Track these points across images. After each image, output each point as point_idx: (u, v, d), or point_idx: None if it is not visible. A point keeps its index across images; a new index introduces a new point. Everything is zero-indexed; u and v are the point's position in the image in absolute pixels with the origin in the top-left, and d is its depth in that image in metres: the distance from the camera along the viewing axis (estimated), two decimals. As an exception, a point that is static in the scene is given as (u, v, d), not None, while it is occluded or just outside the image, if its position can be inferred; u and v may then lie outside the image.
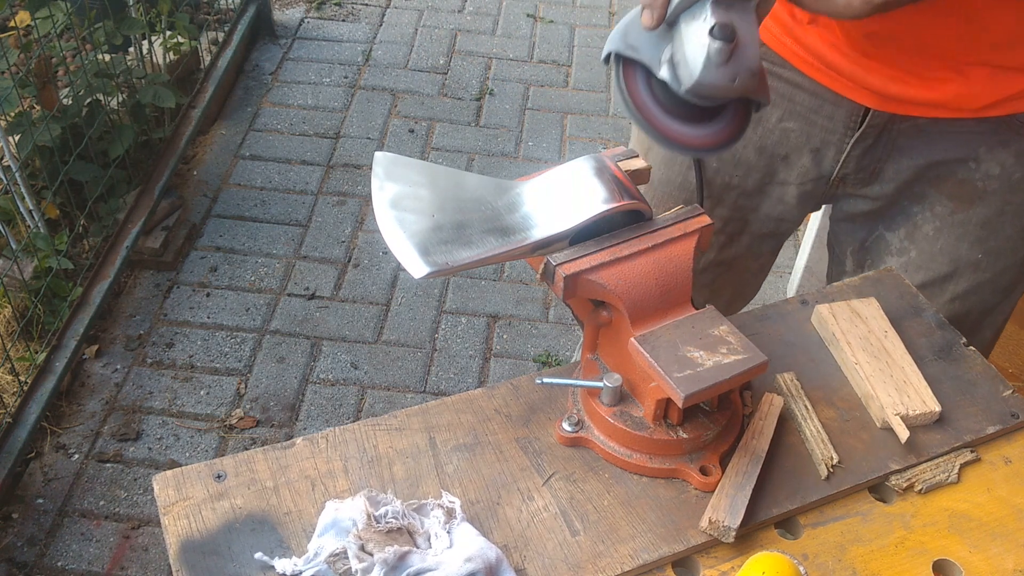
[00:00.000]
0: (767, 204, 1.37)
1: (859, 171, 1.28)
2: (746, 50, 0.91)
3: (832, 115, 1.25)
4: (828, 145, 1.27)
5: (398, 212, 0.97)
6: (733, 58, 0.90)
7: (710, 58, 0.89)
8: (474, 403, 1.07)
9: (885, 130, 1.23)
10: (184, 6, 3.23)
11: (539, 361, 2.65)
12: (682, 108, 0.97)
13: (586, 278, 0.96)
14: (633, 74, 0.98)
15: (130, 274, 2.79)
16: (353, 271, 2.85)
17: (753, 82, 0.93)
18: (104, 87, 2.73)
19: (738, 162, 1.34)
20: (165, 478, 0.98)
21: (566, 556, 0.94)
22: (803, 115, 1.27)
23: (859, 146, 1.25)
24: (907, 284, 1.24)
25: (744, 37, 0.91)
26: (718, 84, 0.91)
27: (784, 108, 1.28)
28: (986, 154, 1.21)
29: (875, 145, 1.24)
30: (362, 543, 0.89)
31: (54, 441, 2.38)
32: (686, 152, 0.99)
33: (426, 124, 3.36)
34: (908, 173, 1.25)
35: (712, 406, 1.01)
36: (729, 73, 0.90)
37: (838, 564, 0.95)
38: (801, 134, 1.29)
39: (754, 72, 0.92)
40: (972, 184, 1.23)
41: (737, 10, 0.91)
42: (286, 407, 2.49)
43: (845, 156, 1.27)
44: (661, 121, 0.97)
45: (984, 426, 1.07)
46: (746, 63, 0.91)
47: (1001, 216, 1.24)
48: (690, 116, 0.98)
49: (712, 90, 0.92)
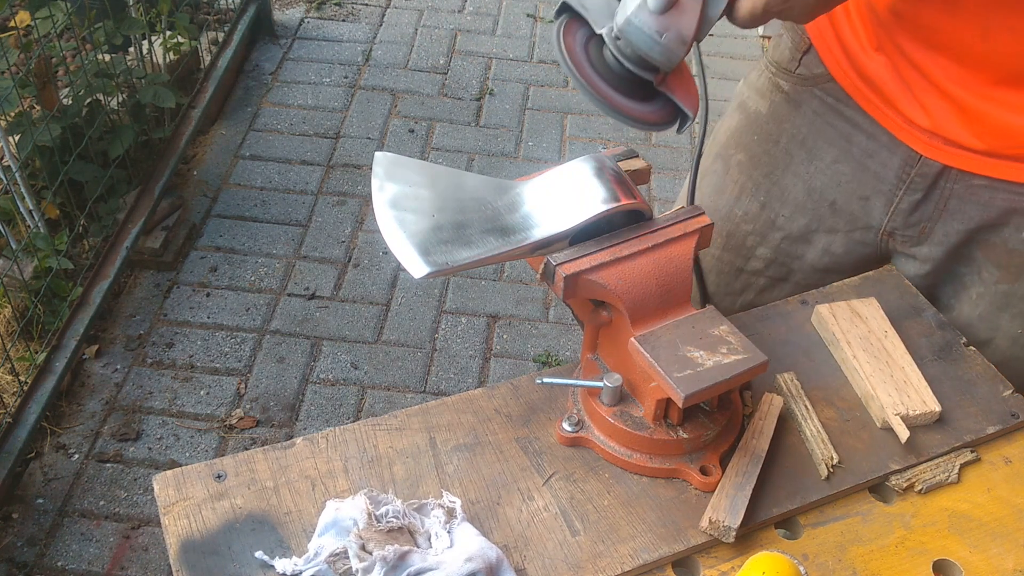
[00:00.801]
0: (813, 253, 1.34)
1: (907, 227, 1.25)
2: (684, 15, 0.92)
3: (886, 163, 1.22)
4: (878, 195, 1.25)
5: (398, 212, 0.97)
6: (670, 13, 0.91)
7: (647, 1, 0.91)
8: (474, 403, 1.07)
9: (936, 185, 1.20)
10: (184, 6, 3.23)
11: (539, 361, 2.65)
12: (611, 75, 0.98)
13: (586, 278, 0.96)
14: (573, 30, 0.99)
15: (130, 274, 2.79)
16: (353, 271, 2.85)
17: (679, 50, 0.93)
18: (104, 87, 2.73)
19: (785, 200, 1.32)
20: (165, 478, 0.98)
21: (566, 556, 0.94)
22: (858, 159, 1.25)
23: (908, 199, 1.22)
24: (907, 284, 1.24)
25: (686, 5, 0.92)
26: (645, 29, 0.91)
27: (840, 148, 1.26)
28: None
29: (925, 201, 1.22)
30: (363, 542, 0.89)
31: (54, 441, 2.38)
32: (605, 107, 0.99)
33: (426, 124, 3.36)
34: (958, 237, 1.22)
35: (712, 406, 1.01)
36: (659, 24, 0.91)
37: (838, 564, 0.95)
38: (853, 179, 1.26)
39: (683, 39, 0.92)
40: (1021, 255, 1.19)
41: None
42: (286, 407, 2.49)
43: (894, 209, 1.24)
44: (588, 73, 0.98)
45: (984, 426, 1.07)
46: (679, 26, 0.92)
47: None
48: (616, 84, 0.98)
49: (638, 34, 0.92)
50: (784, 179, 1.32)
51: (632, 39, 0.93)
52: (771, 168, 1.32)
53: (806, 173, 1.30)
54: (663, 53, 0.93)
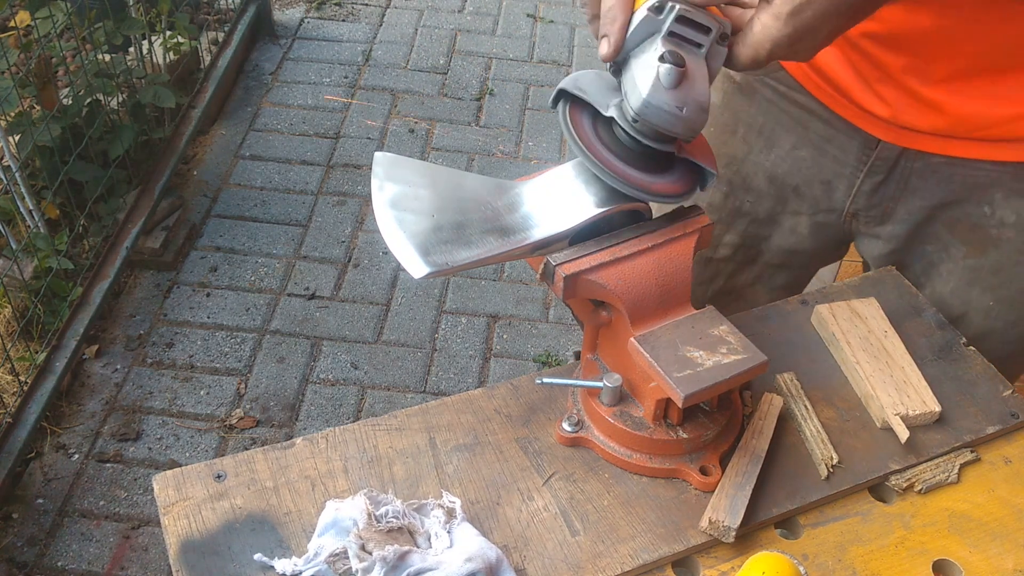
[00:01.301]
0: (779, 234, 1.36)
1: (870, 208, 1.26)
2: (696, 84, 0.90)
3: (845, 147, 1.23)
4: (840, 178, 1.25)
5: (398, 212, 0.97)
6: (682, 86, 0.89)
7: (659, 79, 0.89)
8: (474, 403, 1.07)
9: (896, 166, 1.21)
10: (184, 6, 3.23)
11: (539, 361, 2.65)
12: (626, 153, 0.96)
13: (586, 278, 0.96)
14: (579, 116, 0.98)
15: (130, 274, 2.79)
16: (353, 271, 2.85)
17: (701, 119, 0.91)
18: (104, 87, 2.73)
19: (749, 187, 1.33)
20: (165, 478, 0.98)
21: (566, 556, 0.94)
22: (816, 144, 1.25)
23: (869, 181, 1.23)
24: (907, 284, 1.24)
25: (694, 73, 0.90)
26: (664, 107, 0.89)
27: (798, 135, 1.27)
28: (1002, 200, 1.18)
29: (886, 182, 1.22)
30: (362, 542, 0.89)
31: (54, 441, 2.38)
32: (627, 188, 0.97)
33: (426, 124, 3.36)
34: (920, 214, 1.23)
35: (712, 406, 1.01)
36: (677, 99, 0.89)
37: (838, 564, 0.95)
38: (813, 164, 1.27)
39: (703, 107, 0.91)
40: (986, 231, 1.20)
41: (686, 50, 0.91)
42: (286, 407, 2.49)
43: (856, 191, 1.25)
44: (604, 155, 0.97)
45: (984, 426, 1.07)
46: (695, 96, 0.90)
47: (1016, 266, 1.21)
48: (634, 163, 0.97)
49: (658, 114, 0.90)
50: (744, 168, 1.32)
51: (653, 119, 0.91)
52: (731, 158, 1.33)
53: (767, 161, 1.30)
54: (686, 126, 0.92)
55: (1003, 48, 1.07)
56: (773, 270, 1.42)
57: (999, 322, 1.24)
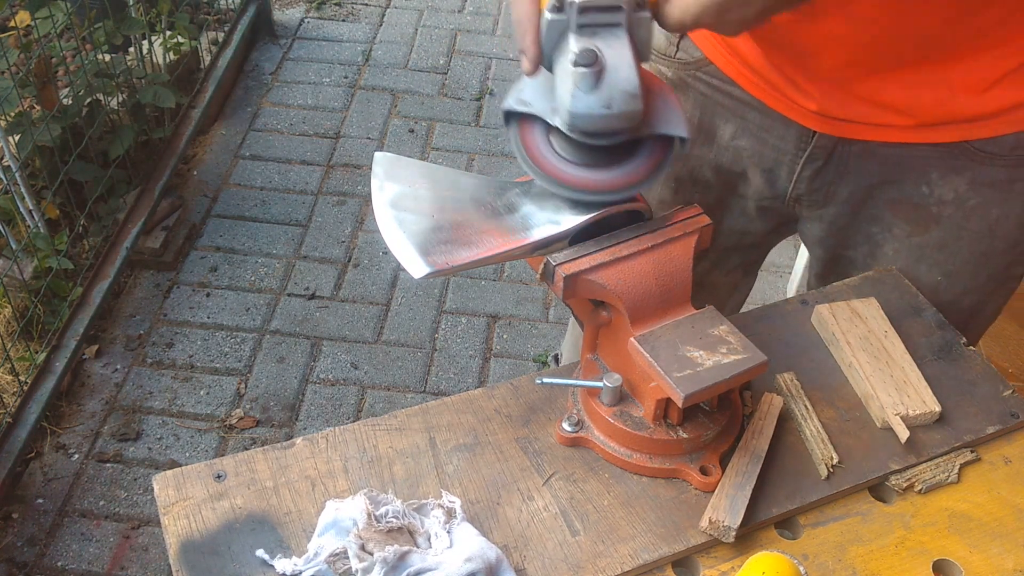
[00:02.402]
0: (729, 218, 1.37)
1: (812, 192, 1.27)
2: (618, 73, 0.86)
3: (783, 135, 1.23)
4: (780, 165, 1.26)
5: (398, 212, 0.97)
6: (603, 82, 0.86)
7: (576, 87, 0.86)
8: (474, 403, 1.07)
9: (835, 152, 1.22)
10: (184, 6, 3.23)
11: (539, 361, 2.65)
12: (586, 154, 0.94)
13: (586, 278, 0.96)
14: (531, 129, 0.96)
15: (130, 274, 2.79)
16: (353, 271, 2.85)
17: (634, 105, 0.88)
18: (104, 87, 2.73)
19: (696, 181, 1.34)
20: (165, 478, 0.98)
21: (566, 556, 0.94)
22: (754, 133, 1.26)
23: (809, 167, 1.24)
24: (907, 284, 1.24)
25: (614, 60, 0.86)
26: (592, 112, 0.87)
27: (736, 125, 1.27)
28: (939, 179, 1.20)
29: (826, 167, 1.23)
30: (362, 542, 0.89)
31: (54, 441, 2.38)
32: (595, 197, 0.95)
33: (426, 124, 3.36)
34: (861, 193, 1.24)
35: (712, 406, 1.01)
36: (601, 98, 0.86)
37: (838, 564, 0.95)
38: (753, 153, 1.27)
39: (631, 95, 0.87)
40: (927, 209, 1.22)
41: (603, 35, 0.86)
42: (286, 407, 2.49)
43: (796, 177, 1.26)
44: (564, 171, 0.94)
45: (984, 426, 1.07)
46: (620, 86, 0.86)
47: (958, 241, 1.23)
48: (596, 161, 0.94)
49: (588, 120, 0.87)
50: (689, 163, 1.33)
51: (585, 127, 0.89)
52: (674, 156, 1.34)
53: (709, 153, 1.31)
54: (622, 119, 0.89)
55: (920, 40, 1.08)
56: (727, 253, 1.43)
57: (948, 295, 1.27)
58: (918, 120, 1.15)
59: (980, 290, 1.29)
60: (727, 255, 1.44)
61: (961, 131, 1.15)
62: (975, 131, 1.15)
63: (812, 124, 1.20)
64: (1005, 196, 1.20)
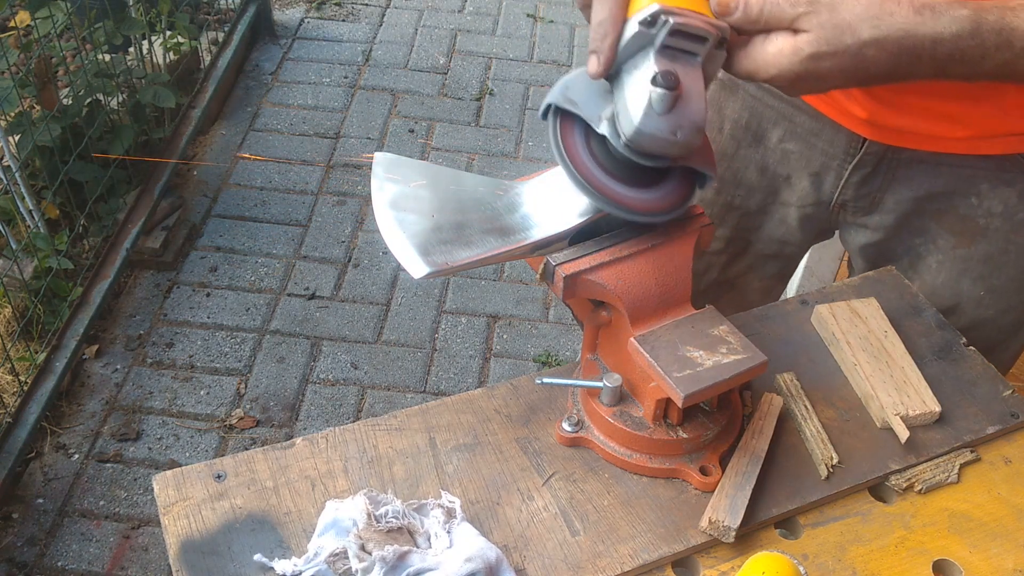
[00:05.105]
0: (770, 225, 1.36)
1: (858, 199, 1.26)
2: (690, 103, 0.85)
3: (832, 140, 1.23)
4: (828, 170, 1.26)
5: (398, 212, 0.97)
6: (676, 109, 0.85)
7: (651, 105, 0.85)
8: (474, 403, 1.07)
9: (884, 159, 1.21)
10: (184, 6, 3.23)
11: (539, 361, 2.65)
12: (621, 169, 0.93)
13: (586, 278, 0.96)
14: (571, 130, 0.94)
15: (130, 274, 2.79)
16: (353, 271, 2.85)
17: (697, 139, 0.87)
18: (104, 87, 2.73)
19: (739, 183, 1.33)
20: (165, 478, 0.98)
21: (566, 556, 0.94)
22: (803, 137, 1.26)
23: (857, 173, 1.23)
24: (907, 284, 1.24)
25: (689, 90, 0.85)
26: (658, 134, 0.86)
27: (785, 128, 1.27)
28: (989, 191, 1.18)
29: (874, 174, 1.23)
30: (362, 543, 0.89)
31: (54, 441, 2.38)
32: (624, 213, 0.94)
33: (426, 124, 3.36)
34: (908, 204, 1.24)
35: (712, 406, 1.01)
36: (671, 124, 0.86)
37: (838, 564, 0.95)
38: (801, 157, 1.27)
39: (699, 127, 0.86)
40: (974, 221, 1.21)
41: (682, 63, 0.86)
42: (286, 407, 2.49)
43: (844, 182, 1.25)
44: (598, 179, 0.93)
45: (984, 426, 1.07)
46: (690, 116, 0.86)
47: (1004, 255, 1.22)
48: (629, 178, 0.94)
49: (652, 141, 0.87)
50: (734, 163, 1.33)
51: (646, 146, 0.88)
52: (720, 155, 1.33)
53: (755, 155, 1.31)
54: (681, 149, 0.88)
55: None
56: (764, 260, 1.43)
57: (991, 311, 1.26)
58: (971, 132, 1.14)
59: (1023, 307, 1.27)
60: (765, 262, 1.43)
61: (1014, 143, 1.14)
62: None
63: (862, 131, 1.19)
64: None
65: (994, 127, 1.13)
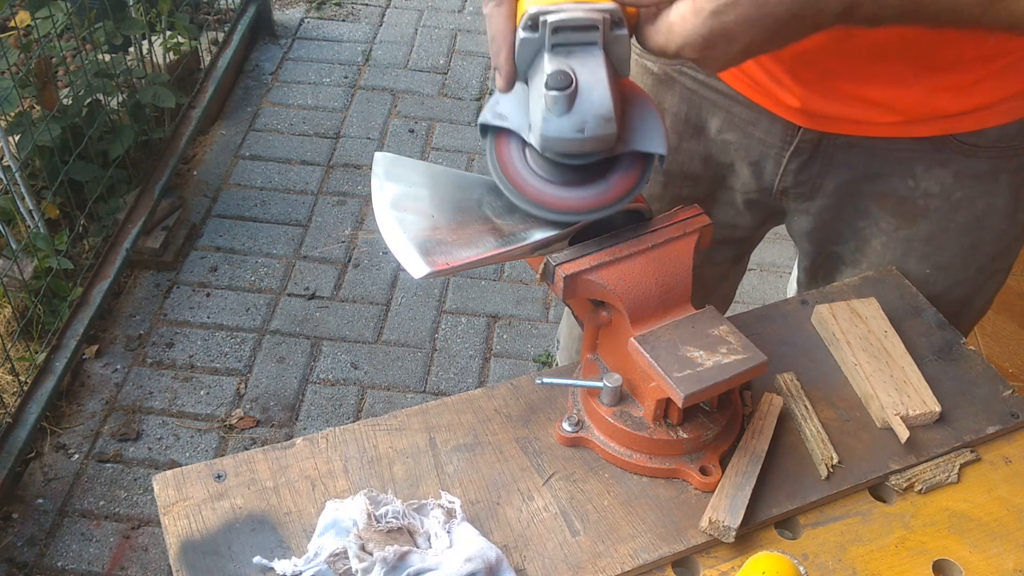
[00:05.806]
0: (718, 209, 1.37)
1: (798, 185, 1.27)
2: (592, 96, 0.83)
3: (769, 129, 1.24)
4: (766, 159, 1.27)
5: (398, 212, 0.97)
6: (576, 107, 0.83)
7: (548, 110, 0.84)
8: (474, 403, 1.07)
9: (820, 146, 1.22)
10: (184, 6, 3.23)
11: (539, 361, 2.65)
12: (562, 172, 0.92)
13: (586, 278, 0.96)
14: (508, 144, 0.94)
15: (130, 274, 2.79)
16: (353, 271, 2.85)
17: (607, 129, 0.85)
18: (104, 87, 2.73)
19: (685, 175, 1.34)
20: (165, 478, 0.98)
21: (566, 556, 0.94)
22: (741, 127, 1.26)
23: (795, 161, 1.24)
24: (907, 284, 1.24)
25: (588, 81, 0.83)
26: (564, 136, 0.85)
27: (723, 118, 1.27)
28: (924, 173, 1.20)
29: (811, 160, 1.24)
30: (362, 543, 0.89)
31: (54, 441, 2.38)
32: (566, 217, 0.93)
33: (426, 124, 3.36)
34: (847, 188, 1.25)
35: (712, 406, 1.01)
36: (574, 122, 0.84)
37: (838, 564, 0.95)
38: (740, 147, 1.28)
39: (606, 118, 0.84)
40: (913, 202, 1.22)
41: (578, 55, 0.83)
42: (286, 407, 2.49)
43: (783, 170, 1.26)
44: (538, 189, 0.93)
45: (984, 426, 1.07)
46: (594, 109, 0.84)
47: (945, 233, 1.24)
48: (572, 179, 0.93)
49: (560, 144, 0.86)
50: (679, 157, 1.33)
51: (558, 149, 0.87)
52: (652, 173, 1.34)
53: (698, 147, 1.31)
54: (595, 143, 0.87)
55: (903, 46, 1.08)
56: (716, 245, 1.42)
57: (939, 287, 1.27)
58: (902, 116, 1.15)
59: (970, 282, 1.29)
60: (717, 248, 1.44)
61: (945, 125, 1.16)
62: (959, 125, 1.15)
63: (796, 119, 1.20)
64: (990, 188, 1.20)
65: (923, 111, 1.14)
